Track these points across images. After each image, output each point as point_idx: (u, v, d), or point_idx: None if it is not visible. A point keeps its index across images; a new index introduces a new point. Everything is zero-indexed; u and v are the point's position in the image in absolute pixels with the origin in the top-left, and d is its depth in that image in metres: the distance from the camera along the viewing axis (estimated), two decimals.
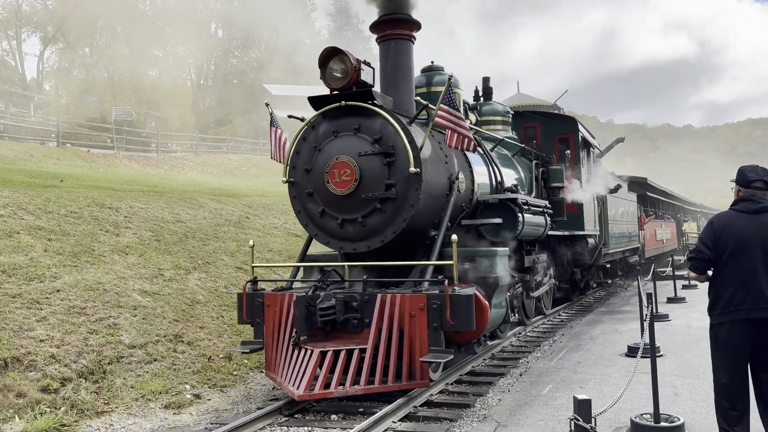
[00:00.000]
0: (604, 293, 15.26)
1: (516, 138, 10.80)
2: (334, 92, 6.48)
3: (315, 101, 6.65)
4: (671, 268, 12.92)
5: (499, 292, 6.71)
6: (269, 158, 7.79)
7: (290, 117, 7.12)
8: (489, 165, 8.37)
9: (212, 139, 37.37)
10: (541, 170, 10.42)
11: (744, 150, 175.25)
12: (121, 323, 7.00)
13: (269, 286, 6.90)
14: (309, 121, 6.70)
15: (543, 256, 9.59)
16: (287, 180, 6.79)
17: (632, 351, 6.95)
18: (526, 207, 7.70)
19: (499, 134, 9.68)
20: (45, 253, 8.07)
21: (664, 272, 13.46)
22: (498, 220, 7.32)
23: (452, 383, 6.33)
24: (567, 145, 11.66)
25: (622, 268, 17.85)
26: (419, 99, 6.87)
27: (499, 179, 8.44)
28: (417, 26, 7.12)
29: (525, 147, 10.56)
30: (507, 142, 9.77)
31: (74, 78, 39.15)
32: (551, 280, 10.19)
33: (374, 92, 6.37)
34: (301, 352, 5.69)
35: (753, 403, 3.65)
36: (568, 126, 12.06)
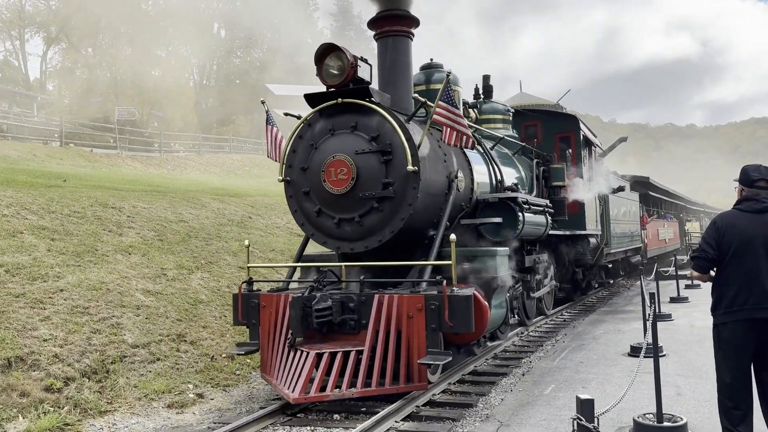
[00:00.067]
0: (607, 293, 15.24)
1: (516, 136, 10.73)
2: (331, 89, 6.34)
3: (311, 98, 6.53)
4: (674, 268, 12.89)
5: (500, 293, 6.60)
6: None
7: (286, 115, 7.03)
8: (489, 163, 8.29)
9: (215, 139, 37.40)
10: (542, 169, 10.34)
11: (747, 149, 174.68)
12: (124, 323, 7.01)
13: (266, 287, 6.81)
14: (305, 119, 6.57)
15: (544, 256, 9.53)
16: (283, 179, 6.65)
17: (635, 351, 6.94)
18: (527, 206, 7.61)
19: (500, 133, 9.61)
20: (48, 253, 8.09)
21: (667, 272, 13.42)
22: (498, 220, 7.23)
23: (455, 383, 6.30)
24: (568, 144, 11.60)
25: (624, 268, 17.81)
26: (417, 96, 6.76)
27: (499, 178, 8.36)
28: (415, 23, 6.97)
29: (525, 145, 10.50)
30: (507, 141, 9.70)
31: (77, 78, 39.23)
32: (552, 281, 10.13)
33: (371, 89, 6.25)
34: (297, 354, 5.60)
35: (756, 403, 3.65)
36: (570, 124, 12.00)
